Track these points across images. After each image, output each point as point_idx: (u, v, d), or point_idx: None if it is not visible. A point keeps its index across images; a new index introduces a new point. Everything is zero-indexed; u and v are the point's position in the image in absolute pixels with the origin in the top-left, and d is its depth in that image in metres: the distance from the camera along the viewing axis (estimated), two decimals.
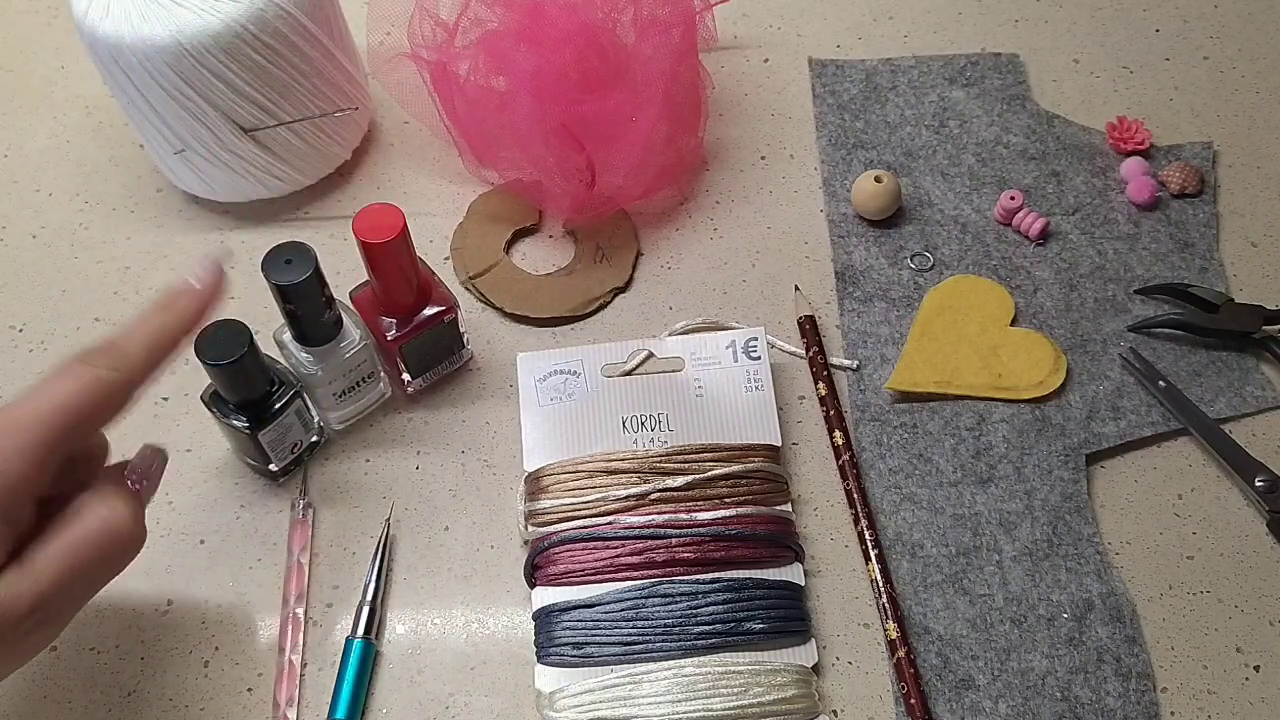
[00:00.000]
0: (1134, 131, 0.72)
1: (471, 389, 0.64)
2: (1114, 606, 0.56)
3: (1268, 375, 0.63)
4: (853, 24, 0.81)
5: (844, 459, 0.60)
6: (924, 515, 0.59)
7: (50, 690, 0.54)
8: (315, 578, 0.57)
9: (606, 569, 0.55)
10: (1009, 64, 0.78)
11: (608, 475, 0.57)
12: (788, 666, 0.53)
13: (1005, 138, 0.74)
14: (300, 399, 0.57)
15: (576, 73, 0.65)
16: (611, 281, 0.67)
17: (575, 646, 0.53)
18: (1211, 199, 0.71)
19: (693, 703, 0.51)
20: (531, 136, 0.65)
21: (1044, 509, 0.59)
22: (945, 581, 0.57)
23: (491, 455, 0.61)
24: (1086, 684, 0.53)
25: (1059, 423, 0.61)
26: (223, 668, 0.54)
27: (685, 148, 0.71)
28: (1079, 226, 0.69)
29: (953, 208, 0.70)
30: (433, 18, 0.67)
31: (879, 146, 0.73)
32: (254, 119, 0.64)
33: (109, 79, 0.63)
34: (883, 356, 0.64)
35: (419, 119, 0.71)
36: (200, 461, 0.61)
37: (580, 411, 0.60)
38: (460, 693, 0.54)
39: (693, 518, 0.55)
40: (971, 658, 0.54)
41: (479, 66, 0.66)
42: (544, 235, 0.71)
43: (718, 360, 0.61)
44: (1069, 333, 0.65)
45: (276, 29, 0.61)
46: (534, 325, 0.66)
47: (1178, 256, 0.68)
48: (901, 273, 0.68)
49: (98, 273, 0.69)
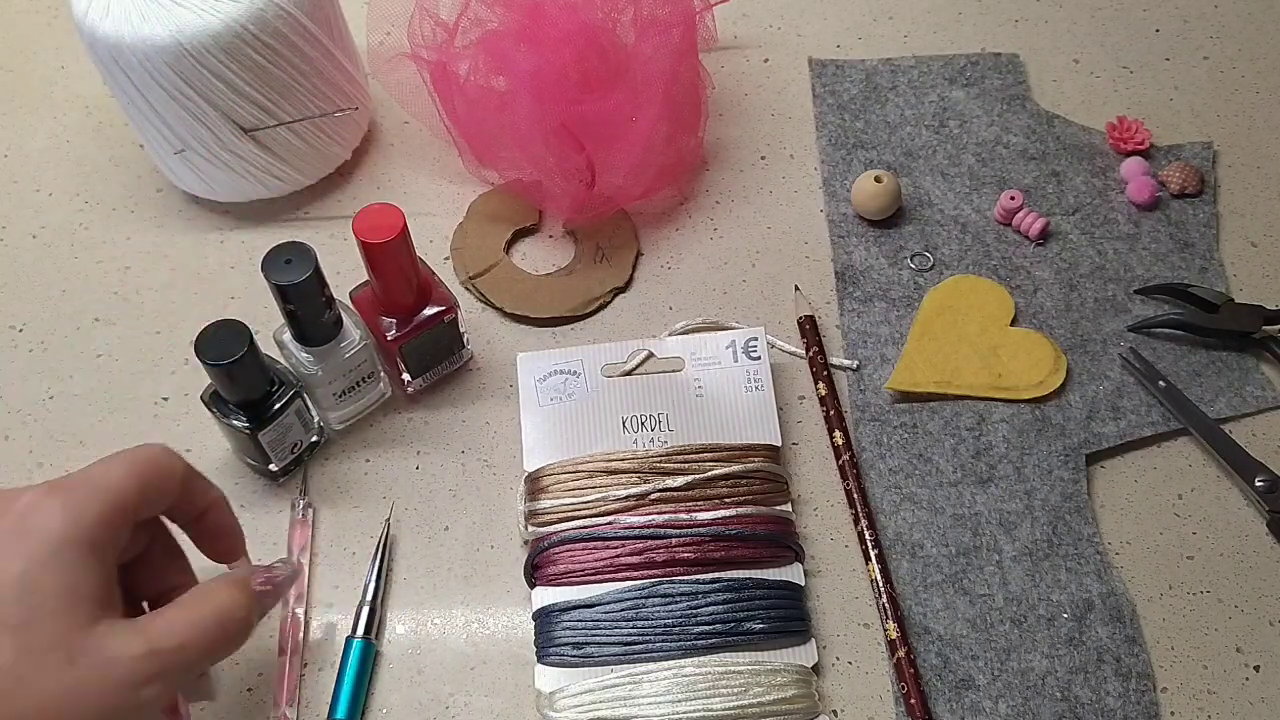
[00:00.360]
0: (1134, 131, 0.72)
1: (471, 389, 0.64)
2: (1114, 606, 0.56)
3: (1268, 375, 0.63)
4: (853, 24, 0.81)
5: (844, 459, 0.60)
6: (924, 515, 0.59)
7: None
8: (315, 578, 0.57)
9: (606, 569, 0.55)
10: (1009, 64, 0.78)
11: (608, 475, 0.57)
12: (788, 666, 0.53)
13: (1005, 138, 0.74)
14: (300, 399, 0.57)
15: (576, 73, 0.65)
16: (611, 281, 0.67)
17: (575, 646, 0.53)
18: (1211, 199, 0.71)
19: (693, 703, 0.51)
20: (531, 136, 0.65)
21: (1044, 509, 0.59)
22: (945, 581, 0.57)
23: (491, 455, 0.61)
24: (1086, 684, 0.53)
25: (1059, 423, 0.61)
26: (223, 668, 0.54)
27: (685, 148, 0.71)
28: (1079, 226, 0.69)
29: (953, 208, 0.70)
30: (433, 18, 0.67)
31: (879, 146, 0.73)
32: (254, 119, 0.64)
33: (109, 79, 0.63)
34: (883, 356, 0.64)
35: (419, 119, 0.71)
36: (200, 462, 0.61)
37: (580, 411, 0.60)
38: (460, 693, 0.54)
39: (693, 518, 0.55)
40: (971, 658, 0.54)
41: (479, 66, 0.66)
42: (544, 235, 0.71)
43: (718, 360, 0.61)
44: (1069, 333, 0.65)
45: (276, 29, 0.61)
46: (534, 325, 0.66)
47: (1178, 256, 0.68)
48: (901, 273, 0.68)
49: (98, 273, 0.69)
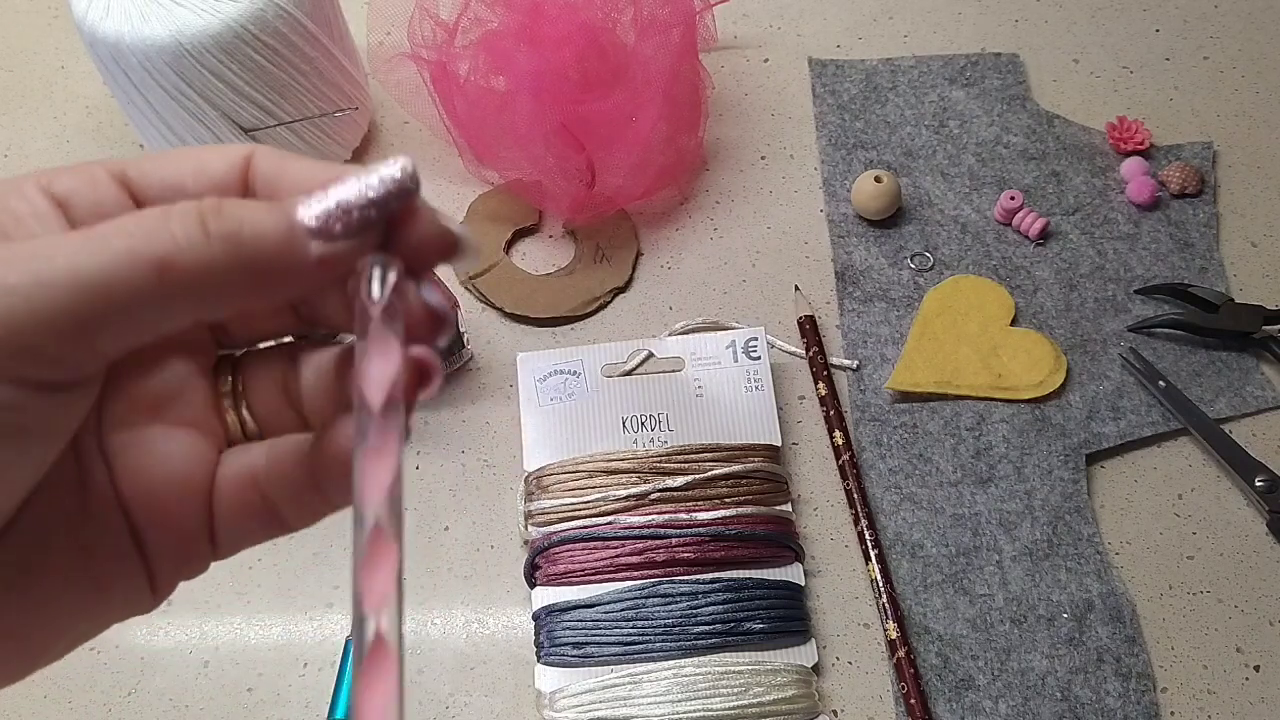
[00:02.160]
0: (1134, 131, 0.72)
1: (471, 389, 0.64)
2: (1114, 606, 0.56)
3: (1268, 375, 0.63)
4: (853, 24, 0.81)
5: (844, 459, 0.60)
6: (924, 515, 0.59)
7: (50, 690, 0.54)
8: (315, 577, 0.57)
9: (606, 569, 0.55)
10: (1009, 64, 0.78)
11: (608, 475, 0.57)
12: (788, 666, 0.53)
13: (1005, 138, 0.74)
14: None
15: (576, 73, 0.65)
16: (611, 281, 0.67)
17: (575, 646, 0.53)
18: (1211, 199, 0.71)
19: (693, 703, 0.51)
20: (531, 136, 0.65)
21: (1044, 509, 0.59)
22: (945, 581, 0.57)
23: (491, 455, 0.61)
24: (1086, 684, 0.53)
25: (1059, 423, 0.61)
26: (223, 668, 0.54)
27: (685, 148, 0.71)
28: (1079, 226, 0.69)
29: (953, 208, 0.70)
30: (433, 18, 0.67)
31: (879, 146, 0.73)
32: (254, 119, 0.64)
33: (109, 79, 0.63)
34: (883, 356, 0.64)
35: (419, 119, 0.71)
36: None
37: (580, 411, 0.60)
38: (460, 693, 0.54)
39: (693, 518, 0.55)
40: (971, 658, 0.54)
41: (479, 66, 0.66)
42: (544, 235, 0.71)
43: (718, 360, 0.61)
44: (1069, 333, 0.65)
45: (276, 29, 0.61)
46: (534, 325, 0.66)
47: (1178, 256, 0.68)
48: (901, 273, 0.68)
49: None
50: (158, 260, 0.21)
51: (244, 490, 0.26)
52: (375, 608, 0.21)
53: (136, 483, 0.25)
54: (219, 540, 0.26)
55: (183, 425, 0.26)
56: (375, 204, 0.23)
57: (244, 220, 0.22)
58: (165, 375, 0.26)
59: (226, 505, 0.26)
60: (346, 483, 0.23)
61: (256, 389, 0.27)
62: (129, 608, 0.26)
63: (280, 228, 0.22)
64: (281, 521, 0.26)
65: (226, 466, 0.26)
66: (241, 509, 0.26)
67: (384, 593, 0.21)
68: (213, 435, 0.26)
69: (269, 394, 0.27)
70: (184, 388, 0.26)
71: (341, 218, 0.23)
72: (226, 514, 0.26)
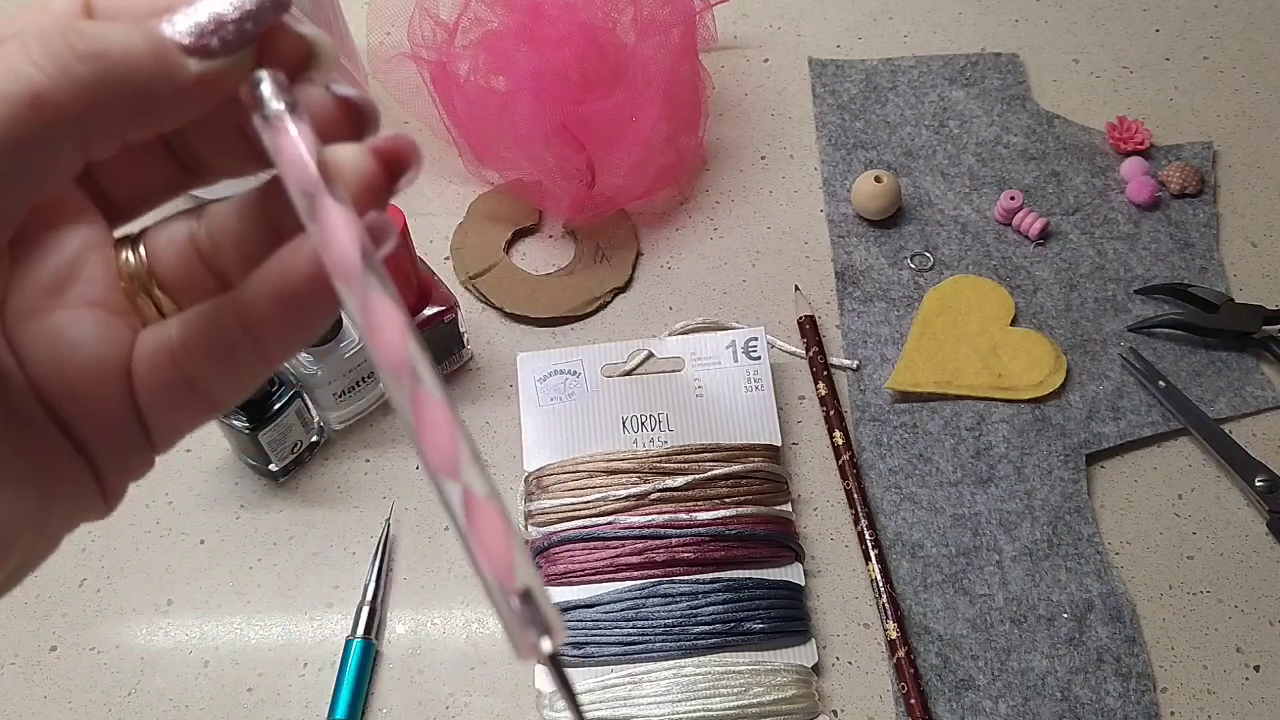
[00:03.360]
0: (1134, 131, 0.72)
1: (471, 389, 0.64)
2: (1114, 606, 0.56)
3: (1268, 375, 0.63)
4: (853, 24, 0.81)
5: (844, 459, 0.60)
6: (924, 515, 0.59)
7: (50, 690, 0.54)
8: (315, 577, 0.57)
9: (606, 569, 0.55)
10: (1009, 64, 0.78)
11: (608, 475, 0.57)
12: (788, 666, 0.53)
13: (1005, 138, 0.74)
14: (300, 399, 0.57)
15: (576, 73, 0.65)
16: (611, 281, 0.67)
17: (575, 646, 0.53)
18: (1211, 199, 0.71)
19: (693, 703, 0.51)
20: (531, 136, 0.65)
21: (1044, 509, 0.59)
22: (945, 581, 0.57)
23: (491, 455, 0.61)
24: (1086, 684, 0.53)
25: (1059, 423, 0.61)
26: (223, 668, 0.54)
27: (685, 148, 0.71)
28: (1079, 226, 0.69)
29: (953, 208, 0.70)
30: (433, 18, 0.67)
31: (879, 146, 0.73)
32: None
33: None
34: (883, 356, 0.64)
35: (419, 119, 0.71)
36: (200, 461, 0.61)
37: (580, 411, 0.60)
38: (460, 693, 0.54)
39: (693, 518, 0.55)
40: (971, 658, 0.54)
41: (479, 66, 0.66)
42: (544, 235, 0.71)
43: (718, 360, 0.61)
44: (1069, 333, 0.65)
45: None
46: (534, 325, 0.66)
47: (1178, 256, 0.68)
48: (901, 273, 0.68)
49: None
50: (29, 95, 0.20)
51: (161, 369, 0.25)
52: (449, 473, 0.21)
53: (50, 372, 0.24)
54: (151, 428, 0.25)
55: (88, 306, 0.24)
56: (252, 16, 0.22)
57: (108, 39, 0.21)
58: (59, 253, 0.25)
59: (146, 387, 0.25)
60: (289, 318, 0.23)
61: (164, 260, 0.26)
62: (77, 511, 0.25)
63: (147, 43, 0.21)
64: (208, 397, 0.25)
65: (141, 348, 0.25)
66: (163, 390, 0.25)
67: (451, 455, 0.21)
68: (124, 316, 0.25)
69: (179, 264, 0.26)
70: (81, 263, 0.25)
71: (218, 31, 0.22)
72: (148, 397, 0.25)
